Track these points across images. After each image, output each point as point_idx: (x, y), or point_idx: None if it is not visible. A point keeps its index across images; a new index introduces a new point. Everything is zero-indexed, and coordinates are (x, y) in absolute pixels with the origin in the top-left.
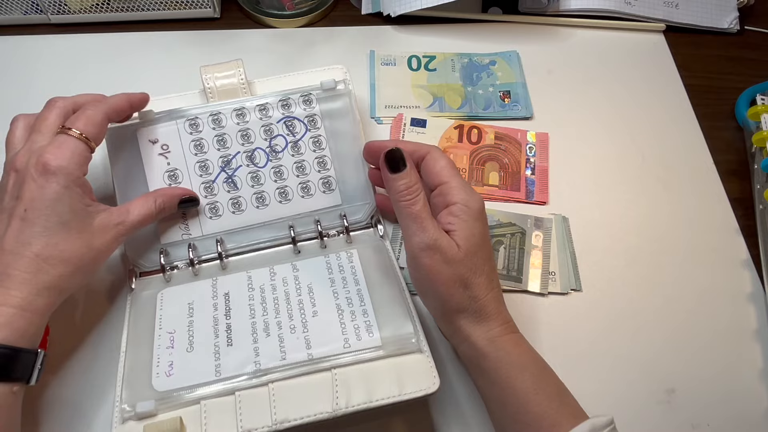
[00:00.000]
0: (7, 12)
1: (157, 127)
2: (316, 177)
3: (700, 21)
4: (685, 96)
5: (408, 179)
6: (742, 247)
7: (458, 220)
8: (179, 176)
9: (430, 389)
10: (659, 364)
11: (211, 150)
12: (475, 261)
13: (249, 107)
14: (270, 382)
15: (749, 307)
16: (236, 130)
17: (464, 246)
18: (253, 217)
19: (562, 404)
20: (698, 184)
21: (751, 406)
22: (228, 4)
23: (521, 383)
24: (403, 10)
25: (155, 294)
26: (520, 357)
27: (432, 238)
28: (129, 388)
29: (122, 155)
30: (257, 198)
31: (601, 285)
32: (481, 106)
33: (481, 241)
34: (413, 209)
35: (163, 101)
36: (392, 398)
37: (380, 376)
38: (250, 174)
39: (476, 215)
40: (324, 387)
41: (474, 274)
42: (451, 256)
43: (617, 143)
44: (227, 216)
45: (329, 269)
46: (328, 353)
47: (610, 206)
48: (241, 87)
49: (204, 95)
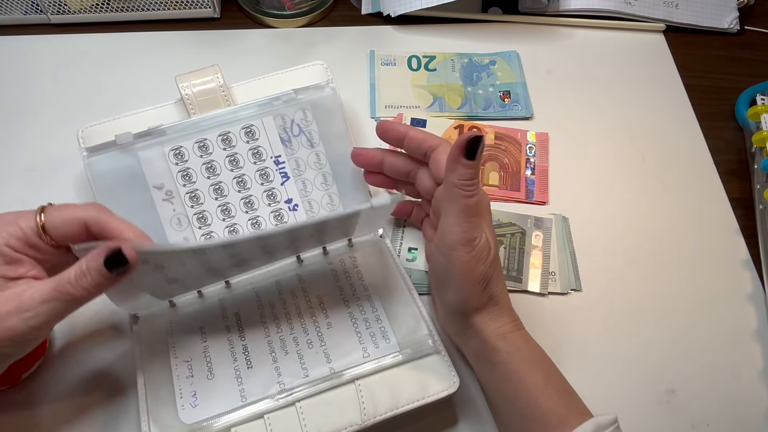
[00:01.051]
0: (7, 12)
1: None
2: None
3: (700, 21)
4: (685, 96)
5: (476, 170)
6: (742, 247)
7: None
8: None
9: (451, 389)
10: (659, 364)
11: (200, 179)
12: (497, 261)
13: (235, 133)
14: (297, 401)
15: (749, 307)
16: (224, 156)
17: (493, 245)
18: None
19: (570, 401)
20: (698, 184)
21: (751, 406)
22: (228, 4)
23: (532, 378)
24: (403, 10)
25: (163, 323)
26: (531, 352)
27: (475, 233)
28: (157, 424)
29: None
30: (252, 224)
31: (601, 285)
32: (481, 106)
33: (495, 238)
34: (470, 201)
35: (138, 116)
36: (417, 402)
37: (402, 381)
38: (242, 200)
39: (488, 214)
40: (350, 399)
41: (496, 273)
42: (487, 254)
43: (617, 143)
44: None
45: (336, 277)
46: (348, 364)
47: (610, 206)
48: (221, 93)
49: (182, 105)
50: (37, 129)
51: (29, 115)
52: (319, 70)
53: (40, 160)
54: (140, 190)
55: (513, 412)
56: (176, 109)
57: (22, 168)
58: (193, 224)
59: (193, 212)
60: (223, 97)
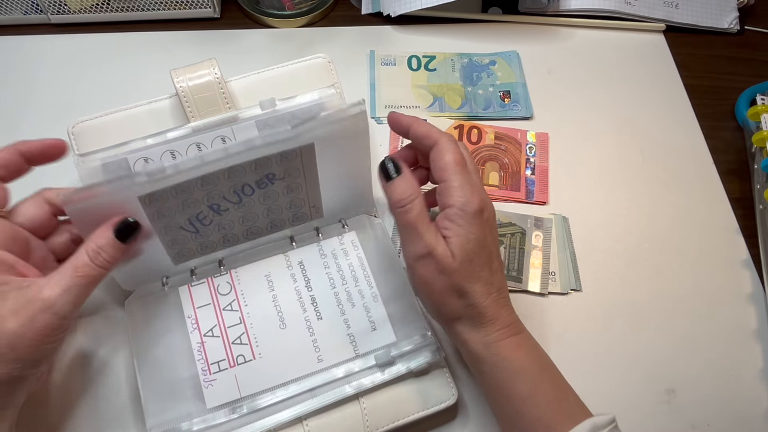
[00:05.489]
0: (7, 12)
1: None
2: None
3: (700, 21)
4: (685, 96)
5: (403, 186)
6: (742, 247)
7: (453, 225)
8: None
9: (450, 401)
10: (659, 364)
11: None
12: (472, 268)
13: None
14: (303, 419)
15: (749, 307)
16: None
17: (459, 254)
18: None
19: (560, 407)
20: (698, 184)
21: (751, 406)
22: (228, 4)
23: (516, 388)
24: (403, 10)
25: (160, 313)
26: (516, 362)
27: (426, 247)
28: (157, 419)
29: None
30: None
31: (601, 285)
32: (481, 106)
33: (478, 246)
34: (408, 217)
35: (130, 111)
36: (417, 414)
37: (404, 393)
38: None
39: (472, 218)
40: (353, 415)
41: (469, 282)
42: (445, 265)
43: (617, 143)
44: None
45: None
46: (373, 347)
47: (610, 206)
48: (218, 89)
49: (178, 102)
50: (36, 129)
51: (29, 115)
52: (321, 64)
53: None
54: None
55: (504, 419)
56: (171, 105)
57: None
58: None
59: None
60: (221, 93)
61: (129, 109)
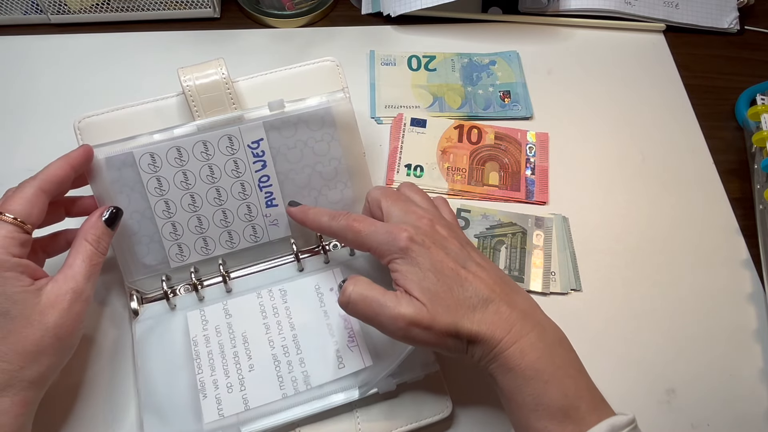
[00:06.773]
0: (7, 12)
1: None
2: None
3: (700, 21)
4: (685, 96)
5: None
6: (742, 247)
7: (398, 275)
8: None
9: (444, 413)
10: (659, 364)
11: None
12: (443, 302)
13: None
14: (297, 428)
15: (749, 307)
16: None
17: (424, 298)
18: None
19: (566, 417)
20: (698, 184)
21: (751, 406)
22: (228, 4)
23: (522, 398)
24: (403, 10)
25: (161, 327)
26: (520, 372)
27: (396, 318)
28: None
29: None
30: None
31: (601, 285)
32: (481, 106)
33: (434, 275)
34: (358, 308)
35: (137, 108)
36: (411, 425)
37: (398, 407)
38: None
39: (407, 258)
40: (348, 429)
41: (450, 316)
42: (422, 319)
43: (617, 143)
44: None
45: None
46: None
47: (610, 206)
48: (225, 89)
49: (184, 101)
50: (37, 129)
51: (29, 115)
52: (330, 68)
53: (40, 160)
54: None
55: (513, 422)
56: (177, 103)
57: (22, 168)
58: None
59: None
60: (227, 93)
61: (135, 106)
